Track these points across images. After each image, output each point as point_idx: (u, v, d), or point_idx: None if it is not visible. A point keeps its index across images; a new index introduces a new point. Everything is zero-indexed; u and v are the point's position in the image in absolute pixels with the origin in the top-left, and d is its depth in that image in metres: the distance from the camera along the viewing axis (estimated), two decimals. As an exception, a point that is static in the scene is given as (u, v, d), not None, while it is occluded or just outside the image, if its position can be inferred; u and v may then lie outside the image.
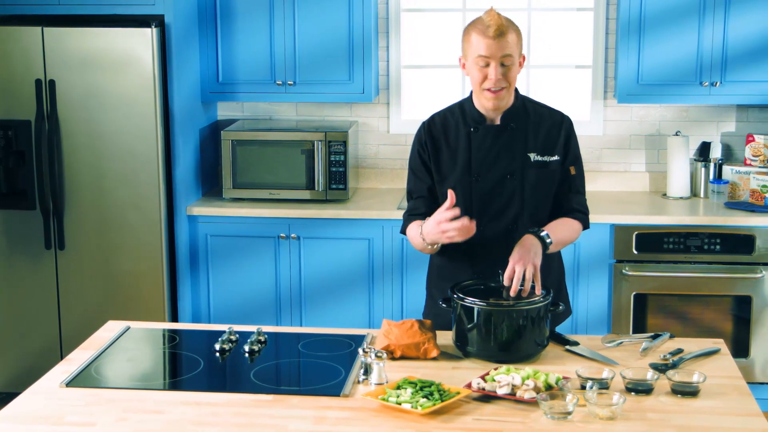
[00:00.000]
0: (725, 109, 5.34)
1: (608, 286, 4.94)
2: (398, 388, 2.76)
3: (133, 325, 3.38)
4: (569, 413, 2.62)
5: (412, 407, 2.63)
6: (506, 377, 2.76)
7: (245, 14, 5.18)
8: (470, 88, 3.28)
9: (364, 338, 3.22)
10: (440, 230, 3.04)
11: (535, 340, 3.01)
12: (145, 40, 4.80)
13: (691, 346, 3.14)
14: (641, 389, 2.77)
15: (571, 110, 3.44)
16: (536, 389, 2.72)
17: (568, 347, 3.12)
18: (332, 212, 5.01)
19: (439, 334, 3.17)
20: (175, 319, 5.10)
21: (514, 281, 3.00)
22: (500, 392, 2.72)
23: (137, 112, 4.87)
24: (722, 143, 5.36)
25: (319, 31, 5.16)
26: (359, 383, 2.86)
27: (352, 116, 5.54)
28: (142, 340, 3.27)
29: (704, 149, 5.27)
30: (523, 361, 3.00)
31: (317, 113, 5.55)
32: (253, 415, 2.67)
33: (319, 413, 2.67)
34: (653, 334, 3.19)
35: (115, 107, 4.87)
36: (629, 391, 2.78)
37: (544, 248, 3.13)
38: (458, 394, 2.70)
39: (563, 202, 3.30)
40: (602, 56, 5.36)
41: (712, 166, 5.25)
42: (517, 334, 2.99)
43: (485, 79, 3.15)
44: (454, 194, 3.04)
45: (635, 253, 4.90)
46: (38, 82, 4.87)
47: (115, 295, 5.03)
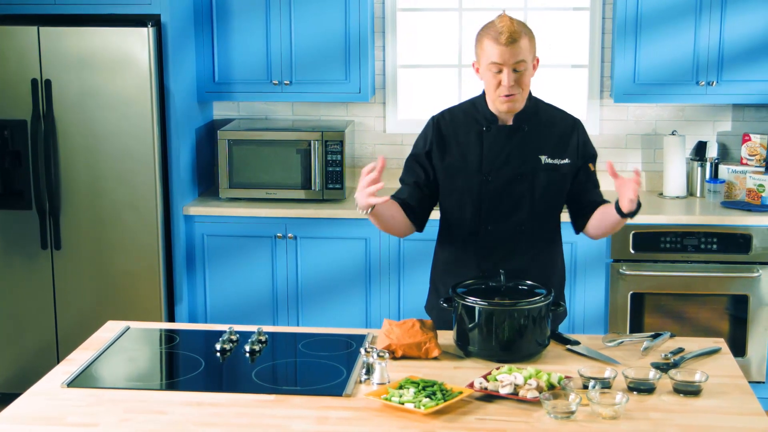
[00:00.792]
0: (721, 108, 5.35)
1: (605, 285, 4.95)
2: (400, 387, 2.75)
3: (132, 325, 3.37)
4: (572, 413, 2.62)
5: (415, 407, 2.63)
6: (508, 377, 2.76)
7: (241, 14, 5.17)
8: (468, 88, 3.28)
9: (364, 338, 3.22)
10: (361, 189, 2.98)
11: (536, 339, 3.01)
12: (141, 39, 4.79)
13: (691, 345, 3.14)
14: (643, 388, 2.77)
15: (567, 110, 3.42)
16: (539, 389, 2.71)
17: (569, 347, 3.12)
18: (329, 212, 5.01)
19: (439, 333, 3.17)
20: (171, 319, 5.09)
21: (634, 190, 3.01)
22: (503, 392, 2.72)
23: (134, 111, 4.86)
24: (718, 143, 5.37)
25: (315, 30, 5.16)
26: (361, 383, 2.85)
27: (348, 116, 5.54)
28: (142, 340, 3.26)
29: (700, 149, 5.28)
30: (524, 360, 3.00)
31: (313, 113, 5.54)
32: (255, 415, 2.66)
33: (321, 413, 2.66)
34: (654, 333, 3.19)
35: (111, 107, 4.86)
36: (631, 390, 2.78)
37: (634, 213, 3.11)
38: (461, 393, 2.70)
39: (592, 196, 3.29)
40: (598, 56, 5.37)
41: (708, 165, 5.26)
42: (518, 333, 2.99)
43: (499, 85, 3.14)
44: (383, 159, 2.99)
45: (632, 252, 4.90)
46: (34, 81, 4.85)
47: (111, 295, 5.01)
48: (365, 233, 4.98)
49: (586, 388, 2.78)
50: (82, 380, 2.89)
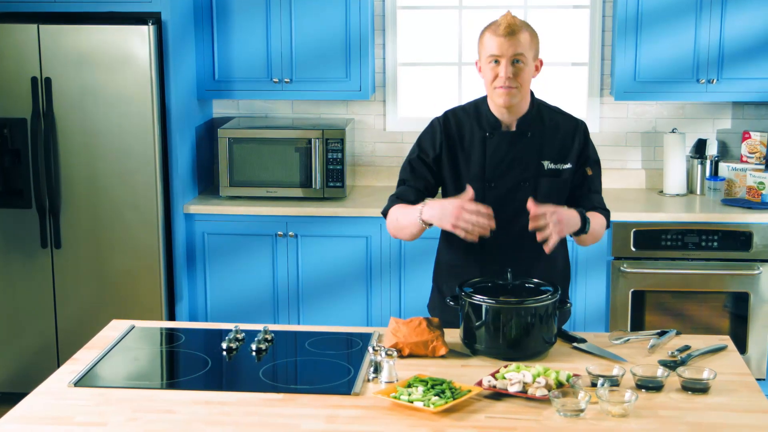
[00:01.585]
0: (721, 106, 5.36)
1: (606, 283, 4.95)
2: (409, 386, 2.75)
3: (137, 324, 3.37)
4: (582, 410, 2.61)
5: (424, 405, 2.63)
6: (517, 375, 2.76)
7: (241, 11, 5.16)
8: (468, 86, 3.26)
9: (370, 336, 3.21)
10: (461, 217, 2.95)
11: (543, 337, 3.01)
12: (141, 37, 4.78)
13: (697, 343, 3.14)
14: (651, 386, 2.77)
15: (567, 108, 3.42)
16: (547, 387, 2.71)
17: (575, 344, 3.12)
18: (330, 210, 5.00)
19: (446, 332, 3.17)
20: (172, 317, 5.08)
21: (536, 216, 2.96)
22: (512, 390, 2.72)
23: (134, 110, 4.84)
24: (718, 140, 5.38)
25: (315, 28, 5.15)
26: (369, 381, 2.85)
27: (348, 114, 5.53)
28: (147, 339, 3.25)
29: (700, 146, 5.29)
30: (531, 358, 3.00)
31: (313, 111, 5.53)
32: (264, 414, 2.65)
33: (330, 412, 2.66)
34: (660, 330, 3.20)
35: (111, 105, 4.85)
36: (639, 387, 2.78)
37: (579, 231, 3.12)
38: (470, 392, 2.70)
39: (584, 201, 3.27)
40: (598, 53, 5.37)
41: (708, 163, 5.26)
42: (525, 331, 2.98)
43: (496, 77, 3.12)
44: (472, 189, 3.01)
45: (633, 250, 4.90)
46: (34, 79, 4.83)
47: (111, 294, 5.00)
48: (366, 231, 4.97)
49: (594, 385, 2.78)
50: (88, 380, 2.88)
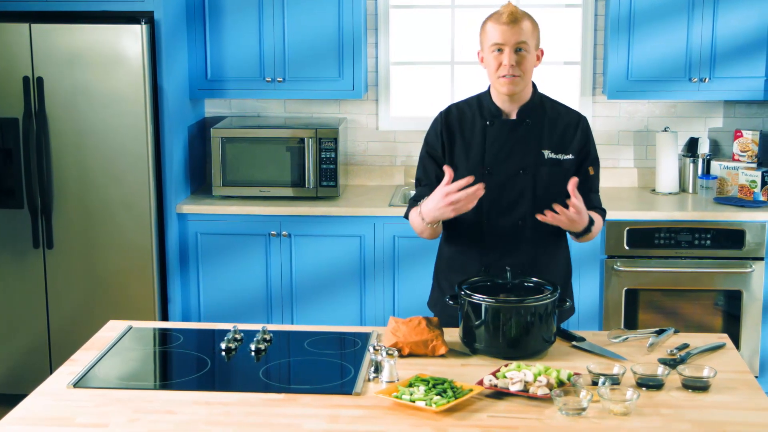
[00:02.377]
0: (712, 104, 5.37)
1: (600, 281, 4.96)
2: (410, 385, 2.75)
3: (135, 324, 3.35)
4: (584, 409, 2.62)
5: (426, 405, 2.62)
6: (518, 374, 2.76)
7: (234, 11, 5.14)
8: (461, 85, 3.28)
9: (369, 336, 3.21)
10: (447, 201, 3.01)
11: (542, 336, 3.01)
12: (134, 36, 4.76)
13: (696, 341, 3.15)
14: (652, 384, 2.78)
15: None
16: (549, 386, 2.71)
17: (574, 343, 3.12)
18: (323, 209, 5.00)
19: (445, 331, 3.17)
20: (165, 317, 5.06)
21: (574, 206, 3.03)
22: (513, 389, 2.72)
23: (126, 109, 4.82)
24: (710, 139, 5.40)
25: (308, 27, 5.14)
26: (370, 381, 2.84)
27: (340, 113, 5.52)
28: (144, 339, 3.24)
29: (692, 145, 5.30)
30: (530, 357, 3.00)
31: (305, 110, 5.52)
32: (266, 414, 2.65)
33: (332, 412, 2.65)
34: (658, 329, 3.20)
35: (104, 105, 4.83)
36: (640, 386, 2.78)
37: (581, 232, 3.15)
38: (471, 391, 2.70)
39: (584, 201, 3.28)
40: (591, 52, 5.38)
41: (700, 161, 5.28)
42: (525, 330, 2.99)
43: (500, 66, 3.14)
44: (451, 169, 3.04)
45: (626, 248, 4.91)
46: (26, 79, 4.81)
47: (104, 294, 4.98)
48: (359, 230, 4.97)
49: (595, 384, 2.78)
50: (88, 380, 2.87)
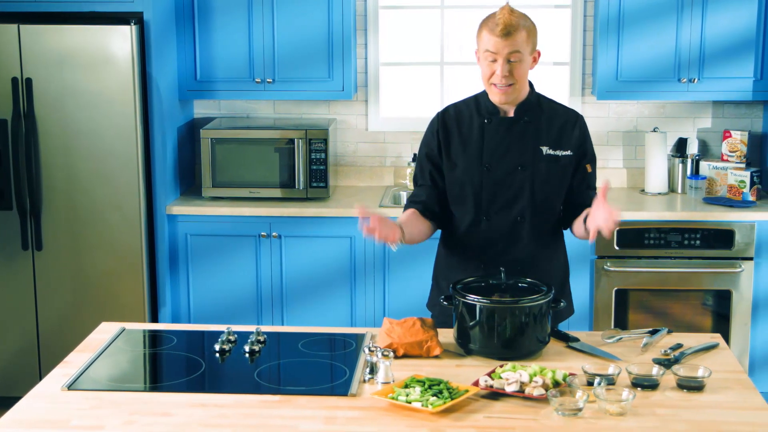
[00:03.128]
0: (701, 105, 5.39)
1: (590, 282, 4.97)
2: (406, 386, 2.75)
3: (127, 326, 3.34)
4: (580, 409, 2.62)
5: (422, 406, 2.62)
6: (513, 374, 2.76)
7: (223, 11, 5.13)
8: (450, 85, 3.29)
9: (363, 337, 3.21)
10: (367, 234, 3.08)
11: (537, 336, 3.02)
12: (123, 37, 4.74)
13: (689, 341, 3.16)
14: (647, 384, 2.79)
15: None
16: (544, 386, 2.72)
17: (569, 344, 3.13)
18: (313, 210, 4.99)
19: (438, 332, 3.17)
20: (155, 319, 5.05)
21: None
22: (509, 389, 2.72)
23: (116, 110, 4.80)
24: (699, 139, 5.42)
25: (297, 28, 5.13)
26: (365, 382, 2.84)
27: (330, 114, 5.52)
28: (137, 341, 3.23)
29: (681, 145, 5.32)
30: (525, 358, 3.01)
31: (295, 111, 5.52)
32: (262, 416, 2.64)
33: (328, 413, 2.65)
34: (651, 329, 3.21)
35: (93, 106, 4.80)
36: (635, 386, 2.79)
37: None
38: (467, 392, 2.70)
39: (581, 198, 3.30)
40: (580, 53, 5.39)
41: (689, 161, 5.30)
42: (519, 331, 2.99)
43: (492, 74, 3.17)
44: (363, 208, 3.09)
45: (616, 248, 4.93)
46: (14, 80, 4.78)
47: (94, 296, 4.96)
48: (350, 232, 4.96)
49: (590, 384, 2.79)
50: (82, 383, 2.85)
